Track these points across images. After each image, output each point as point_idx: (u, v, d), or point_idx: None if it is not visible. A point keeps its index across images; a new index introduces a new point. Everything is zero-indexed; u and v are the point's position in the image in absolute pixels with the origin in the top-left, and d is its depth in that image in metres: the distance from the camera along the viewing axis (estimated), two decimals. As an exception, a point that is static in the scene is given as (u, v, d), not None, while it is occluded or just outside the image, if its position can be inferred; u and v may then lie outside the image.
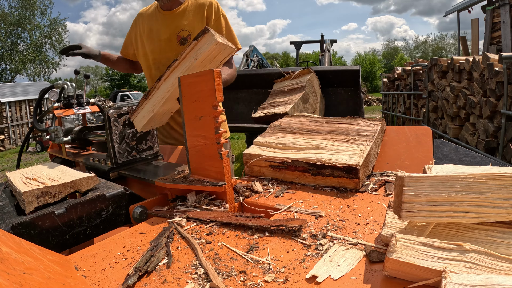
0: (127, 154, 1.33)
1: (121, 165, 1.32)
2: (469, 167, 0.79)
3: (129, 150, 1.34)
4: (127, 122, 1.32)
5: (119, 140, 1.30)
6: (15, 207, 0.96)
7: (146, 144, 1.40)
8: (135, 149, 1.36)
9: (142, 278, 0.67)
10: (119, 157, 1.31)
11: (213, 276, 0.64)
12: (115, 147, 1.29)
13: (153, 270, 0.70)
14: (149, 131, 1.40)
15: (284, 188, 1.13)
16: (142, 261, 0.71)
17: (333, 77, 3.78)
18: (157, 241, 0.81)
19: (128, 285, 0.64)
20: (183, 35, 1.87)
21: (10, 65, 23.82)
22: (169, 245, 0.79)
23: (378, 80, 37.07)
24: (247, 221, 0.86)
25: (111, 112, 1.27)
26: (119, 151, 1.30)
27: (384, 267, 0.59)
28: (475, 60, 4.97)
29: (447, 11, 12.09)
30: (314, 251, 0.73)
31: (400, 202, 0.64)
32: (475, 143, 5.11)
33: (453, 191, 0.62)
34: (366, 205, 0.96)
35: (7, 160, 10.40)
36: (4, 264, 0.53)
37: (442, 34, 55.17)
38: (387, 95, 10.33)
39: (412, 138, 1.36)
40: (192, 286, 0.63)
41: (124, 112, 1.32)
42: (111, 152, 1.29)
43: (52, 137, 1.61)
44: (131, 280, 0.65)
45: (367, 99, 20.82)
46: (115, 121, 1.28)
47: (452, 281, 0.49)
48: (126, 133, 1.32)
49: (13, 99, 13.40)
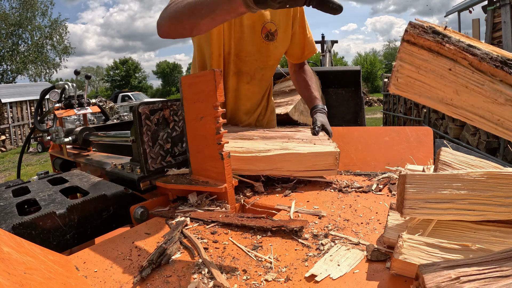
0: (161, 159, 1.12)
1: (154, 173, 1.11)
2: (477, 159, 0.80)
3: (163, 154, 1.12)
4: (160, 121, 1.10)
5: (152, 142, 1.08)
6: (16, 207, 0.96)
7: (182, 147, 1.18)
8: (169, 153, 1.15)
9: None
10: (151, 163, 1.09)
11: (217, 275, 0.65)
12: (146, 150, 1.07)
13: (167, 264, 0.72)
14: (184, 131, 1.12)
15: (288, 189, 1.13)
16: (156, 254, 0.72)
17: (334, 78, 3.78)
18: (170, 235, 0.82)
19: (142, 276, 0.66)
20: (270, 29, 1.46)
21: (11, 66, 23.87)
22: (183, 239, 0.81)
23: (379, 81, 37.07)
24: (248, 221, 0.86)
25: (142, 107, 1.04)
26: (151, 155, 1.08)
27: (391, 267, 0.59)
28: (476, 61, 4.97)
29: (448, 11, 12.09)
30: (315, 251, 0.72)
31: (402, 199, 0.64)
32: (476, 144, 5.11)
33: (455, 188, 0.62)
34: (369, 205, 0.96)
35: (8, 161, 10.42)
36: (5, 264, 0.53)
37: (443, 35, 54.99)
38: (388, 95, 10.33)
39: (413, 138, 1.36)
40: (197, 284, 0.63)
41: (158, 108, 1.09)
42: (142, 158, 1.07)
43: (53, 138, 1.62)
44: (145, 272, 0.67)
45: (368, 99, 20.82)
46: (147, 118, 1.05)
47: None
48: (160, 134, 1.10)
49: (14, 99, 13.43)
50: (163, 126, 1.11)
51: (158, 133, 1.09)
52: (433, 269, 0.44)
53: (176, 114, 1.14)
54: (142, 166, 1.08)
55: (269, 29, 1.46)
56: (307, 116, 3.55)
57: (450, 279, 0.42)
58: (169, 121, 1.12)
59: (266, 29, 1.45)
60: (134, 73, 50.20)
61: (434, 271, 0.43)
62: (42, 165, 8.87)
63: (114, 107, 13.29)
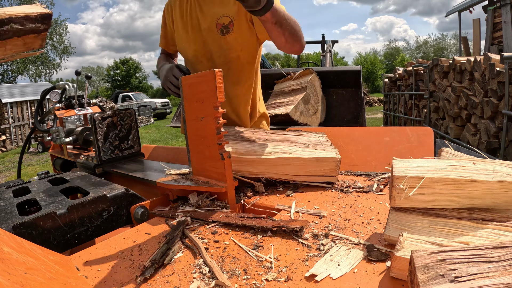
0: (110, 152, 1.51)
1: (105, 162, 1.49)
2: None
3: (112, 148, 1.51)
4: (110, 124, 1.49)
5: (103, 140, 1.47)
6: (16, 207, 0.97)
7: (128, 144, 1.57)
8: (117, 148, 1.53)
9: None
10: (103, 155, 1.48)
11: (218, 274, 0.65)
12: (99, 146, 1.46)
13: (169, 263, 0.72)
14: (130, 132, 1.57)
15: (290, 189, 1.13)
16: (159, 254, 0.72)
17: (335, 78, 3.78)
18: (172, 234, 0.82)
19: (145, 277, 0.66)
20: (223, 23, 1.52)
21: (12, 66, 23.89)
22: (184, 239, 0.81)
23: (379, 81, 37.06)
24: (249, 221, 0.86)
25: (96, 115, 1.44)
26: (103, 149, 1.47)
27: (391, 267, 0.59)
28: (477, 61, 4.96)
29: (448, 11, 12.09)
30: (316, 251, 0.72)
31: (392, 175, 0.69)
32: (476, 144, 5.10)
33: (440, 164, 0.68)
34: (369, 205, 0.96)
35: (8, 161, 10.43)
36: (6, 264, 0.53)
37: (443, 35, 55.15)
38: (388, 95, 10.33)
39: (414, 138, 1.36)
40: (198, 284, 0.63)
41: (108, 115, 1.47)
42: (97, 150, 1.46)
43: (54, 138, 1.62)
44: (148, 272, 0.67)
45: (369, 99, 20.81)
46: (99, 123, 1.45)
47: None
48: (110, 134, 1.49)
49: (15, 99, 13.43)
50: (112, 129, 1.50)
51: (108, 133, 1.49)
52: (423, 253, 0.48)
53: (122, 120, 1.53)
54: (97, 157, 1.47)
55: (222, 24, 1.52)
56: (307, 116, 3.55)
57: (436, 261, 0.46)
58: (117, 125, 1.51)
59: (219, 25, 1.52)
60: (135, 73, 50.21)
61: (424, 254, 0.48)
62: (43, 165, 8.88)
63: (115, 107, 13.30)
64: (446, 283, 0.43)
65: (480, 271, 0.43)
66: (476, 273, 0.43)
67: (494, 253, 0.45)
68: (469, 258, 0.45)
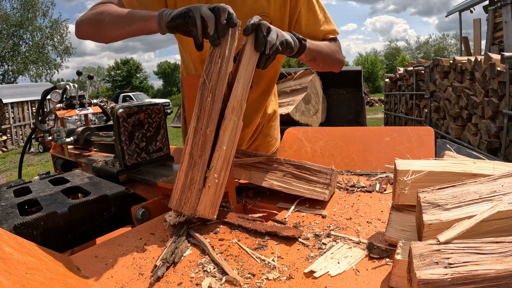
0: (137, 155, 1.25)
1: (130, 168, 1.25)
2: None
3: (139, 151, 1.26)
4: (136, 123, 1.24)
5: (128, 141, 1.22)
6: (17, 207, 0.97)
7: (156, 145, 1.32)
8: (144, 150, 1.28)
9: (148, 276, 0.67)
10: (128, 159, 1.23)
11: (228, 270, 0.66)
12: (124, 148, 1.21)
13: (179, 261, 0.72)
14: (158, 131, 1.30)
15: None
16: (168, 252, 0.72)
17: (335, 78, 3.78)
18: (177, 233, 0.82)
19: (158, 276, 0.66)
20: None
21: (12, 66, 23.93)
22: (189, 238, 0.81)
23: (380, 81, 37.02)
24: (246, 223, 0.86)
25: (120, 111, 1.18)
26: (128, 152, 1.23)
27: (392, 273, 0.59)
28: (477, 60, 4.96)
29: (449, 11, 12.08)
30: (317, 251, 0.72)
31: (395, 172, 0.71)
32: (477, 144, 5.10)
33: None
34: (371, 204, 0.96)
35: (9, 161, 10.44)
36: (6, 264, 0.53)
37: (444, 34, 55.10)
38: (389, 95, 10.32)
39: (414, 138, 1.35)
40: (210, 280, 0.63)
41: (134, 111, 1.23)
42: (120, 154, 1.21)
43: (55, 138, 1.62)
44: (160, 271, 0.67)
45: (369, 99, 20.80)
46: (124, 121, 1.20)
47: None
48: (136, 134, 1.24)
49: (16, 100, 13.45)
50: (138, 127, 1.25)
51: (134, 133, 1.23)
52: (421, 244, 0.52)
53: (150, 117, 1.27)
54: (120, 161, 1.22)
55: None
56: (308, 117, 3.55)
57: (432, 250, 0.49)
58: (143, 123, 1.26)
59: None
60: (136, 73, 50.26)
61: (421, 245, 0.51)
62: (44, 165, 8.88)
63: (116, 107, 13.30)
64: (440, 268, 0.46)
65: (473, 260, 0.47)
66: (469, 261, 0.46)
67: (488, 246, 0.48)
68: (464, 249, 0.48)
